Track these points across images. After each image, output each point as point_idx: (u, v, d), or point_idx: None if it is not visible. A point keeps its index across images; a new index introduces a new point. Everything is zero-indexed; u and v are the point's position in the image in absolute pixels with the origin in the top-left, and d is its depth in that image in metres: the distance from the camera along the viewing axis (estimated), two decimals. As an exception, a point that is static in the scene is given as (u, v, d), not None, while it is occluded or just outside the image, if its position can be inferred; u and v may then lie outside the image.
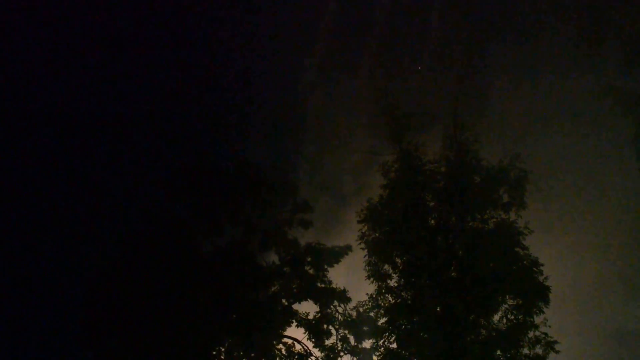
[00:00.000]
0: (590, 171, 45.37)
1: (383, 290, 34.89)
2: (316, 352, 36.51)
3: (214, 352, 35.97)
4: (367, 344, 36.87)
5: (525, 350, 32.60)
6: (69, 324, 38.50)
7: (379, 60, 45.68)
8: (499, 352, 32.38)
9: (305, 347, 36.65)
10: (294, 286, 36.71)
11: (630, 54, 44.70)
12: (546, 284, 33.36)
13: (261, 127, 45.91)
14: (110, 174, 44.02)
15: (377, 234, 35.13)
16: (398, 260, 34.44)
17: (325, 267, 36.97)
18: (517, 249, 33.43)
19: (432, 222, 34.46)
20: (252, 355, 36.12)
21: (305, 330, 36.51)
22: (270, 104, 47.06)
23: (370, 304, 35.78)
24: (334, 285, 36.81)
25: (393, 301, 34.50)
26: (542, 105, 46.25)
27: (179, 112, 45.69)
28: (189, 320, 35.03)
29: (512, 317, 33.31)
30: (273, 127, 45.95)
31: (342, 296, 36.66)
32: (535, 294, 33.22)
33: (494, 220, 34.37)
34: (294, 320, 36.58)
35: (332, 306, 36.76)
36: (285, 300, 36.73)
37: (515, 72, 45.63)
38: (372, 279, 34.95)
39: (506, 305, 33.57)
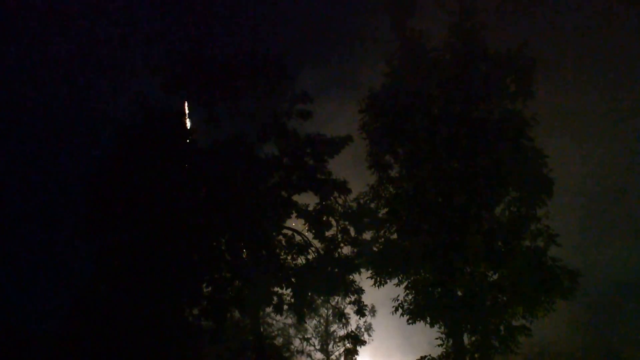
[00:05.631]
0: (603, 60, 43.84)
1: (384, 181, 34.45)
2: (316, 243, 36.32)
3: (214, 244, 35.80)
4: (367, 235, 36.78)
5: (527, 243, 32.31)
6: (69, 217, 38.37)
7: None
8: (500, 244, 32.02)
9: (305, 238, 36.40)
10: (293, 177, 35.94)
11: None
12: (550, 176, 32.82)
13: (260, 15, 44.18)
14: (104, 64, 42.78)
15: (378, 124, 34.27)
16: (399, 150, 33.69)
17: (326, 158, 36.12)
18: (522, 140, 32.51)
19: (435, 111, 33.33)
20: (253, 247, 35.96)
21: (305, 221, 36.15)
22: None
23: (371, 194, 35.49)
24: (334, 177, 36.13)
25: (394, 192, 34.04)
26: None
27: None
28: (188, 213, 34.64)
29: (515, 209, 32.97)
30: (273, 15, 44.19)
31: (343, 187, 35.98)
32: (538, 186, 32.76)
33: (500, 109, 33.38)
34: (293, 212, 36.11)
35: (332, 197, 36.20)
36: (285, 192, 36.06)
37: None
38: (373, 170, 34.41)
39: (509, 197, 33.14)
